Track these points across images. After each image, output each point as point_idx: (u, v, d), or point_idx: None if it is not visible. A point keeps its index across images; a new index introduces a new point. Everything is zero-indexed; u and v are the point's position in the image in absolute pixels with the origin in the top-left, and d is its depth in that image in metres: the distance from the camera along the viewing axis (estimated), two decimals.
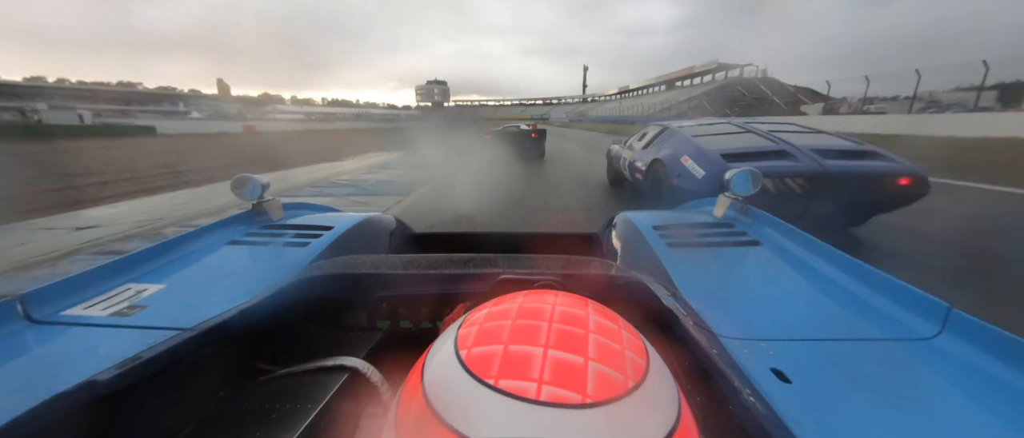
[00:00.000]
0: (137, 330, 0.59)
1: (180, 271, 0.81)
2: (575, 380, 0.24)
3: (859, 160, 2.89)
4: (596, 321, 0.29)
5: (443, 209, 4.97)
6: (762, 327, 0.59)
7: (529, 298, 0.32)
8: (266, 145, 17.88)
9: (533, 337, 0.27)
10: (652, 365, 0.27)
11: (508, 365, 0.25)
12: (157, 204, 5.66)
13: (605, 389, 0.24)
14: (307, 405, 0.51)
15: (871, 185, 2.70)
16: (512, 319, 0.29)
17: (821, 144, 3.08)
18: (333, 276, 0.71)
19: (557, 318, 0.29)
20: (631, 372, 0.25)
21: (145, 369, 0.47)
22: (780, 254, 0.87)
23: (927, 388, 0.46)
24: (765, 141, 3.22)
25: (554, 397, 0.23)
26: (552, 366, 0.24)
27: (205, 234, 1.00)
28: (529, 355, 0.25)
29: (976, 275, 2.59)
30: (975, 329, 0.52)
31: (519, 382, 0.23)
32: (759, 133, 3.44)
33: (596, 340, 0.27)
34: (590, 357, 0.25)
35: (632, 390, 0.24)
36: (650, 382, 0.26)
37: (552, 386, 0.23)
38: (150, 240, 1.66)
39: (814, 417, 0.40)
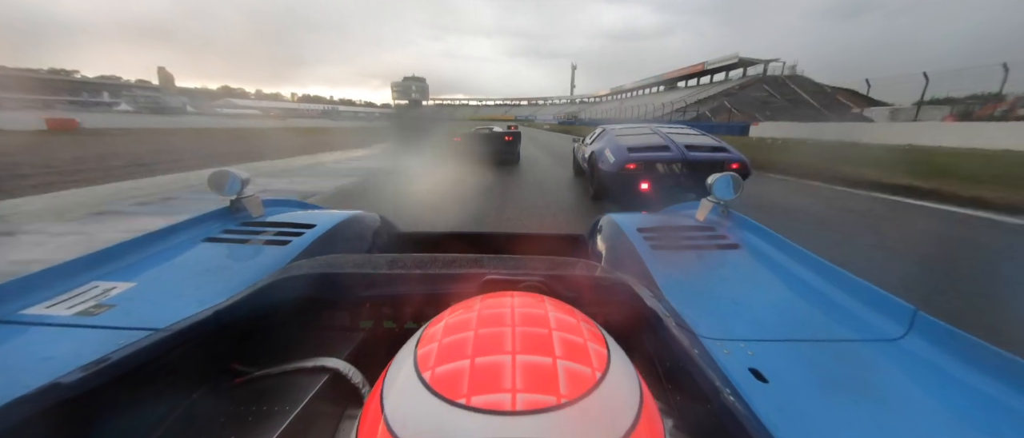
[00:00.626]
0: (104, 330, 0.56)
1: (151, 269, 0.77)
2: (548, 382, 0.24)
3: (709, 152, 4.54)
4: (556, 317, 0.30)
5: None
6: (741, 328, 0.60)
7: (487, 304, 0.31)
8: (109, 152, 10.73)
9: (499, 345, 0.26)
10: (612, 352, 0.28)
11: (478, 380, 0.24)
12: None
13: (577, 385, 0.24)
14: (285, 407, 0.50)
15: (714, 167, 3.67)
16: (474, 329, 0.28)
17: (690, 142, 4.70)
18: (315, 275, 0.68)
19: (519, 321, 0.29)
20: (596, 362, 0.26)
21: (113, 371, 0.45)
22: (758, 257, 0.89)
23: (894, 388, 0.48)
24: (659, 139, 4.79)
25: (530, 404, 0.22)
26: (523, 372, 0.24)
27: (179, 231, 0.95)
28: (498, 365, 0.25)
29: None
30: (939, 331, 0.55)
31: (493, 395, 0.23)
32: (660, 134, 4.99)
33: (560, 337, 0.28)
34: (557, 356, 0.26)
35: (600, 381, 0.25)
36: (614, 369, 0.27)
37: (526, 393, 0.23)
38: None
39: (789, 416, 0.41)
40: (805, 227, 4.11)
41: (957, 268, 3.02)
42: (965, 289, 2.55)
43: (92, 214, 4.20)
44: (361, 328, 0.71)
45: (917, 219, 4.50)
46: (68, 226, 3.75)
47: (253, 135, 19.34)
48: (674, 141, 4.63)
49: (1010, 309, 2.29)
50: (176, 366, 0.52)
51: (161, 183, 6.23)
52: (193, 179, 6.59)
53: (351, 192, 5.96)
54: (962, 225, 4.23)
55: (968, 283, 2.66)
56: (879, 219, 4.51)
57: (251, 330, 0.63)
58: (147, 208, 4.57)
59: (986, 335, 0.50)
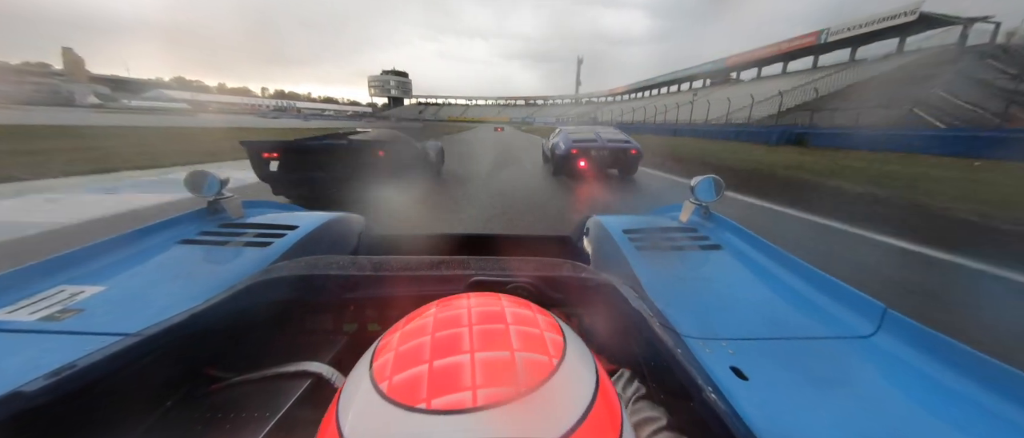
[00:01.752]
0: (71, 336, 0.54)
1: (123, 272, 0.74)
2: (507, 375, 0.24)
3: (620, 143, 7.14)
4: (512, 312, 0.30)
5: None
6: (722, 327, 0.61)
7: (442, 308, 0.31)
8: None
9: (457, 346, 0.26)
10: (568, 339, 0.29)
11: (437, 382, 0.24)
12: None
13: (535, 374, 0.25)
14: (265, 413, 0.49)
15: (623, 152, 7.03)
16: (430, 333, 0.28)
17: (611, 135, 7.53)
18: (298, 277, 0.67)
19: (476, 320, 0.29)
20: (553, 350, 0.27)
21: (80, 378, 0.43)
22: (739, 257, 0.91)
23: (866, 383, 0.49)
24: (591, 135, 7.56)
25: (491, 398, 0.23)
26: (482, 368, 0.25)
27: (152, 232, 0.92)
28: (457, 365, 0.25)
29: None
30: (907, 328, 0.57)
31: (453, 396, 0.23)
32: (591, 130, 8.21)
33: (517, 330, 0.28)
34: (515, 348, 0.26)
35: (557, 367, 0.26)
36: (570, 354, 0.28)
37: (486, 388, 0.23)
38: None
39: (768, 412, 0.43)
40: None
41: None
42: None
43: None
44: (345, 331, 0.70)
45: None
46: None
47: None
48: (600, 135, 7.48)
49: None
50: (148, 373, 0.50)
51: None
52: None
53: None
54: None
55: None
56: None
57: (230, 334, 0.61)
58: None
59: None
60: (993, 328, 2.08)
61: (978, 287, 2.71)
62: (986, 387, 0.46)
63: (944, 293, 2.61)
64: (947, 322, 2.16)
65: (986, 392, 0.45)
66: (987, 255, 3.09)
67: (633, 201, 5.68)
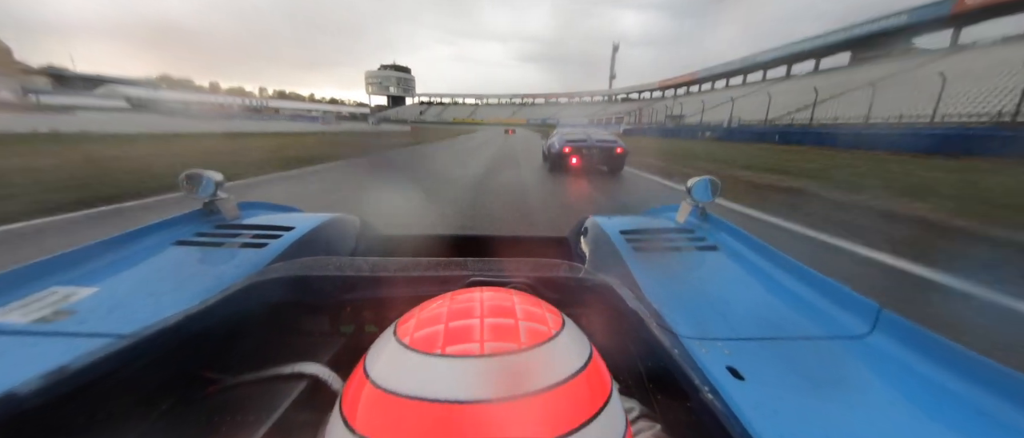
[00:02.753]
0: (64, 337, 0.54)
1: (117, 274, 0.74)
2: (510, 334, 0.29)
3: (608, 142, 7.90)
4: (518, 298, 0.34)
5: None
6: (718, 327, 0.62)
7: (458, 294, 0.35)
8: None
9: (468, 314, 0.31)
10: (566, 322, 0.33)
11: (451, 336, 0.28)
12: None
13: (535, 337, 0.29)
14: (261, 416, 0.49)
15: (609, 151, 7.76)
16: (447, 307, 0.32)
17: (600, 135, 8.39)
18: (294, 278, 0.67)
19: (486, 300, 0.33)
20: (552, 324, 0.31)
21: (73, 381, 0.42)
22: (735, 258, 0.92)
23: (861, 383, 0.50)
24: (583, 135, 8.28)
25: (496, 349, 0.27)
26: (490, 329, 0.29)
27: (147, 234, 0.91)
28: (468, 326, 0.29)
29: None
30: (902, 328, 0.57)
31: (464, 345, 0.27)
32: (585, 131, 9.16)
33: (521, 307, 0.32)
34: (519, 318, 0.31)
35: (555, 335, 0.30)
36: (567, 329, 0.32)
37: (492, 342, 0.28)
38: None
39: (764, 412, 0.43)
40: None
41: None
42: None
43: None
44: (342, 333, 0.70)
45: None
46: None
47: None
48: (590, 135, 8.22)
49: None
50: (143, 375, 0.50)
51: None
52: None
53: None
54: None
55: None
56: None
57: (225, 336, 0.60)
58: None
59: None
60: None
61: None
62: (981, 387, 0.46)
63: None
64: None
65: (981, 392, 0.46)
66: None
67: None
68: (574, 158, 7.70)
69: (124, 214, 3.99)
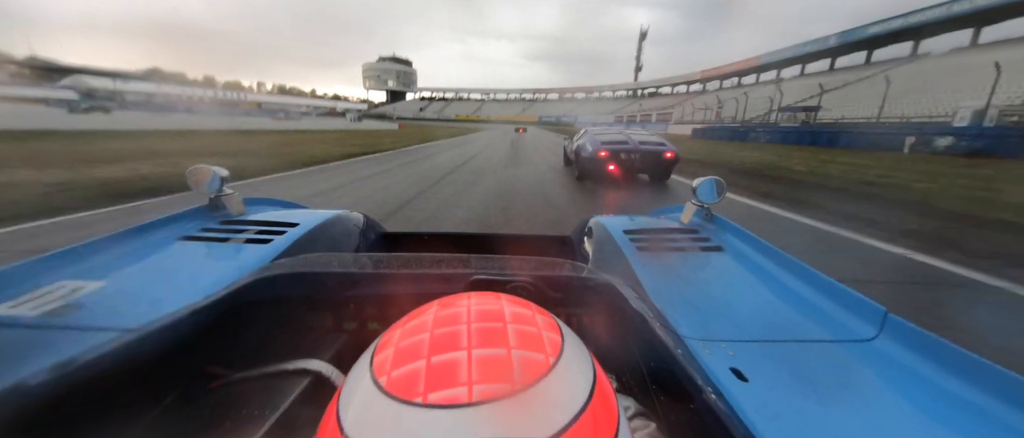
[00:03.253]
0: (72, 331, 0.54)
1: (124, 268, 0.74)
2: (503, 372, 0.25)
3: (653, 145, 6.50)
4: (511, 311, 0.31)
5: None
6: (722, 329, 0.61)
7: (443, 306, 0.32)
8: None
9: (454, 343, 0.27)
10: (565, 338, 0.29)
11: (434, 378, 0.25)
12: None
13: (530, 372, 0.25)
14: (264, 411, 0.49)
15: (656, 155, 6.39)
16: (430, 331, 0.29)
17: (643, 138, 6.85)
18: (298, 274, 0.67)
19: (474, 318, 0.29)
20: (549, 349, 0.27)
21: (81, 373, 0.43)
22: (740, 259, 0.90)
23: (867, 388, 0.49)
24: (621, 136, 6.83)
25: (486, 394, 0.23)
26: (478, 365, 0.25)
27: (153, 229, 0.91)
28: (454, 361, 0.26)
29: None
30: (909, 333, 0.56)
31: (449, 391, 0.24)
32: (620, 131, 7.42)
33: (514, 329, 0.28)
34: (512, 346, 0.27)
35: (553, 366, 0.26)
36: (567, 353, 0.28)
37: (482, 384, 0.24)
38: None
39: (768, 415, 0.43)
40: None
41: None
42: None
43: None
44: (345, 329, 0.70)
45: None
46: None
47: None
48: (632, 138, 6.73)
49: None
50: (148, 369, 0.50)
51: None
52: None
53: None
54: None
55: None
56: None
57: (229, 331, 0.61)
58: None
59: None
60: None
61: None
62: (989, 394, 0.45)
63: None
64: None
65: (989, 399, 0.45)
66: None
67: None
68: (612, 164, 6.32)
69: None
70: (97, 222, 3.54)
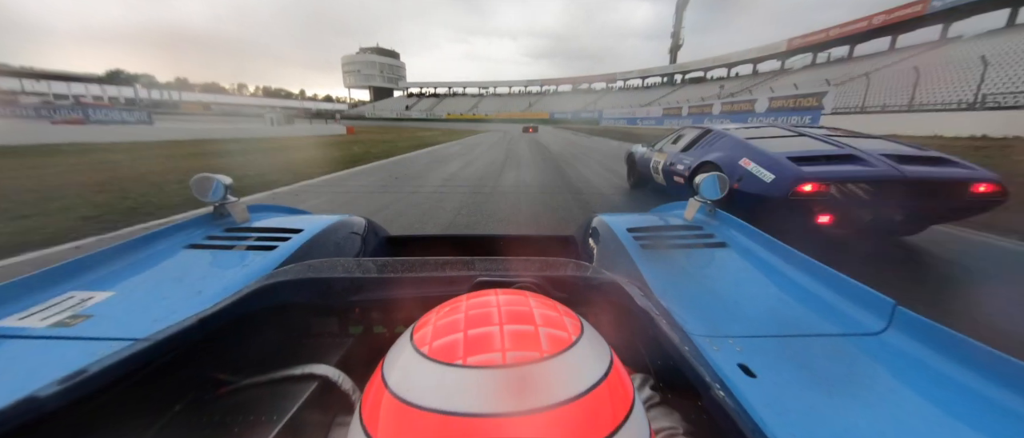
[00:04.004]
0: (81, 341, 0.55)
1: (131, 277, 0.76)
2: (531, 342, 0.28)
3: (935, 166, 2.58)
4: (535, 302, 0.33)
5: None
6: (729, 325, 0.61)
7: (473, 298, 0.34)
8: None
9: (487, 320, 0.30)
10: (584, 324, 0.32)
11: (472, 345, 0.27)
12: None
13: (556, 344, 0.28)
14: (273, 416, 0.50)
15: (947, 191, 2.48)
16: (464, 313, 0.31)
17: (888, 150, 2.75)
18: (303, 280, 0.68)
19: (503, 304, 0.32)
20: (571, 329, 0.30)
21: (92, 384, 0.43)
22: (745, 255, 0.90)
23: (877, 382, 0.49)
24: (827, 145, 2.92)
25: (518, 359, 0.26)
26: (510, 337, 0.28)
27: (159, 238, 0.93)
28: (488, 334, 0.28)
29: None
30: (918, 325, 0.56)
31: (486, 355, 0.26)
32: (815, 137, 3.21)
33: (539, 312, 0.31)
34: (538, 324, 0.30)
35: (576, 341, 0.29)
36: (587, 335, 0.31)
37: (514, 351, 0.27)
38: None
39: (777, 410, 0.42)
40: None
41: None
42: None
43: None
44: (351, 334, 0.70)
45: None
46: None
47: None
48: (861, 148, 2.73)
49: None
50: (157, 377, 0.50)
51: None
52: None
53: None
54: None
55: None
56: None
57: (236, 338, 0.61)
58: None
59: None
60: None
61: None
62: (1000, 385, 0.45)
63: None
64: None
65: (1000, 390, 0.44)
66: None
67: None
68: (831, 214, 2.47)
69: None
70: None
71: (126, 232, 3.25)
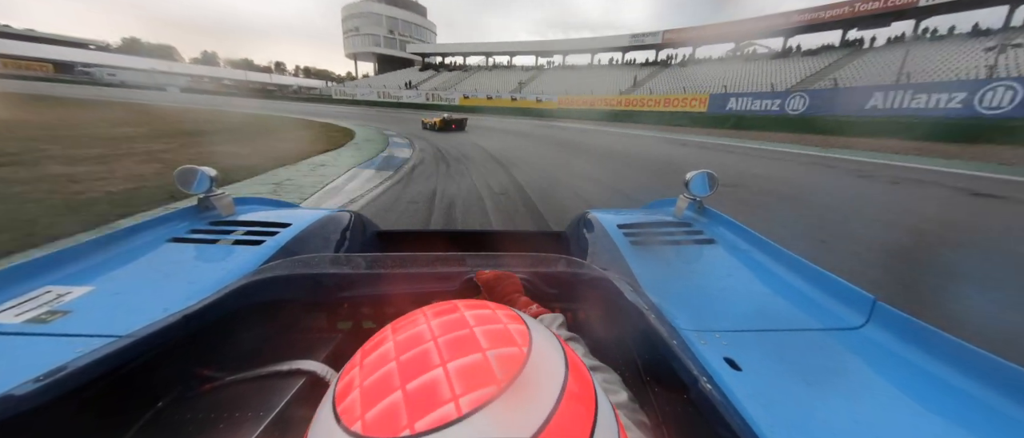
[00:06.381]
0: (60, 338, 0.53)
1: (111, 272, 0.73)
2: (484, 376, 0.24)
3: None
4: (471, 315, 0.29)
5: None
6: (716, 319, 0.62)
7: (400, 330, 0.30)
8: None
9: (426, 362, 0.25)
10: (529, 325, 0.29)
11: (415, 405, 0.22)
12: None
13: (510, 367, 0.24)
14: (259, 412, 0.50)
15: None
16: (395, 359, 0.26)
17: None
18: (292, 276, 0.67)
19: (438, 331, 0.27)
20: (520, 340, 0.27)
21: (71, 381, 0.42)
22: (732, 251, 0.90)
23: (856, 374, 0.50)
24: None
25: (475, 402, 0.22)
26: (458, 376, 0.23)
27: (141, 231, 0.89)
28: (432, 381, 0.23)
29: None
30: (897, 320, 0.58)
31: (435, 413, 0.22)
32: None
33: (481, 331, 0.27)
34: (485, 348, 0.26)
35: (529, 354, 0.26)
36: (536, 338, 0.27)
37: (467, 394, 0.22)
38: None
39: (761, 402, 0.43)
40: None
41: None
42: None
43: None
44: (339, 329, 0.70)
45: None
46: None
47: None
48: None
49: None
50: (140, 374, 0.50)
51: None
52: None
53: None
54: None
55: None
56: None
57: (222, 334, 0.60)
58: None
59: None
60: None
61: None
62: (974, 378, 0.46)
63: None
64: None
65: (974, 383, 0.46)
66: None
67: None
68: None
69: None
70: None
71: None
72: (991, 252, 3.09)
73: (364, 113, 26.65)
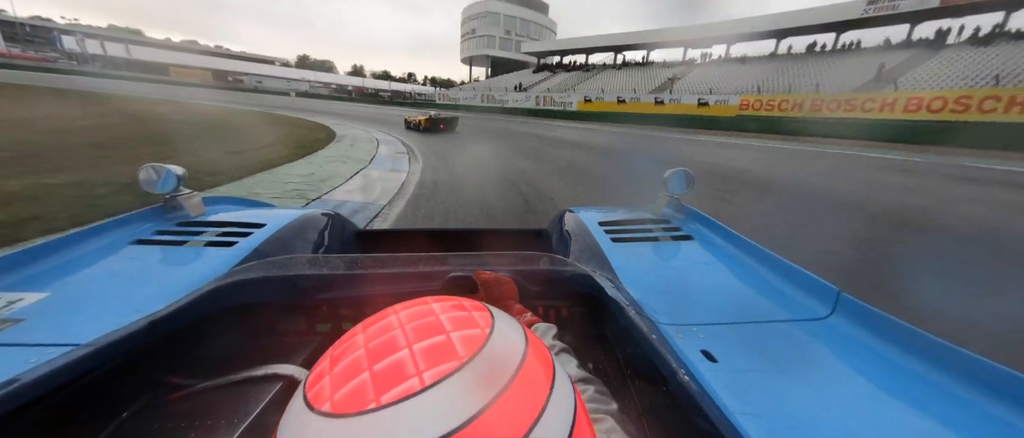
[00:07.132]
0: (10, 348, 0.50)
1: (69, 277, 0.70)
2: (447, 353, 0.24)
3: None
4: (438, 304, 0.30)
5: None
6: (693, 313, 0.64)
7: (369, 324, 0.30)
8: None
9: (393, 346, 0.26)
10: (494, 311, 0.30)
11: (381, 382, 0.23)
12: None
13: (471, 345, 0.25)
14: (233, 420, 0.48)
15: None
16: (364, 347, 0.27)
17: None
18: (266, 279, 0.65)
19: (406, 320, 0.28)
20: (483, 323, 0.28)
21: (24, 394, 0.39)
22: (709, 247, 0.92)
23: (823, 362, 0.53)
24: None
25: (438, 375, 0.23)
26: (422, 355, 0.24)
27: (101, 232, 0.85)
28: (399, 362, 0.24)
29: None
30: (859, 311, 0.60)
31: (400, 386, 0.22)
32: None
33: (446, 316, 0.28)
34: (448, 331, 0.26)
35: (490, 334, 0.27)
36: (498, 322, 0.28)
37: (431, 368, 0.23)
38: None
39: (736, 392, 0.46)
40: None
41: None
42: None
43: None
44: (318, 332, 0.68)
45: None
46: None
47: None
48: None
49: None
50: (102, 384, 0.48)
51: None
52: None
53: None
54: None
55: None
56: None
57: (193, 340, 0.59)
58: None
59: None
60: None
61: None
62: (932, 364, 0.49)
63: None
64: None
65: (932, 369, 0.49)
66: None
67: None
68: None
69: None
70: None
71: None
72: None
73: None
